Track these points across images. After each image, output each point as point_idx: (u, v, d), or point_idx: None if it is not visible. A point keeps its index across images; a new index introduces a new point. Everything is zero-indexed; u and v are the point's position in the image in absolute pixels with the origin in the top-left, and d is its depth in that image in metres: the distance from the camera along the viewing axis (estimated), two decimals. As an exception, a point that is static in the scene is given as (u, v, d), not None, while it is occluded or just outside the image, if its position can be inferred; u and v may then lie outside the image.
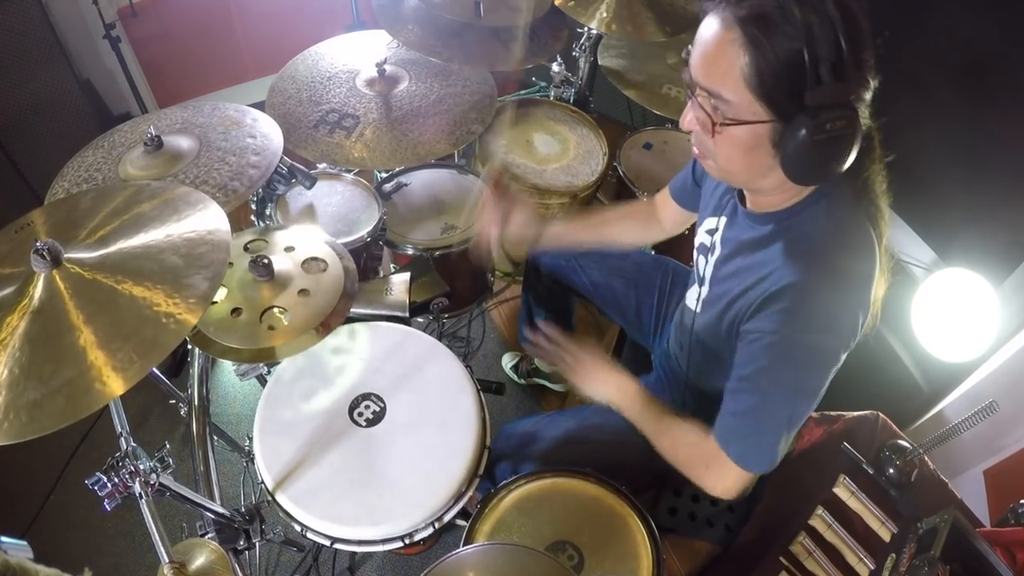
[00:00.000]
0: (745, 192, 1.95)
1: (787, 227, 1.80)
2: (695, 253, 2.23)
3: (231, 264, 2.21)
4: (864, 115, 1.58)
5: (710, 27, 1.60)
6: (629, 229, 2.65)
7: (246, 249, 2.29)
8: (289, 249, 2.28)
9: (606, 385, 2.22)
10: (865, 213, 1.77)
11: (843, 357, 1.79)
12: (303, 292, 2.14)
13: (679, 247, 2.51)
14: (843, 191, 1.75)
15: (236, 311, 2.10)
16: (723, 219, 2.05)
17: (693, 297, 2.19)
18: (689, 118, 1.73)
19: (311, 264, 2.24)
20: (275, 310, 2.11)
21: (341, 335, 2.35)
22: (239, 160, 2.37)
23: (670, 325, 2.59)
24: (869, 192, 1.77)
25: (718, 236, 2.06)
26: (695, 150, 1.82)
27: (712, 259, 2.08)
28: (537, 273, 3.02)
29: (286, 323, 2.08)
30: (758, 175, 1.74)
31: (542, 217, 2.56)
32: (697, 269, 2.20)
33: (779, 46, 1.49)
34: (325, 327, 2.10)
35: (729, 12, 1.56)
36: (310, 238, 2.33)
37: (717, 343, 2.03)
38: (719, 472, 1.89)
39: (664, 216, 2.55)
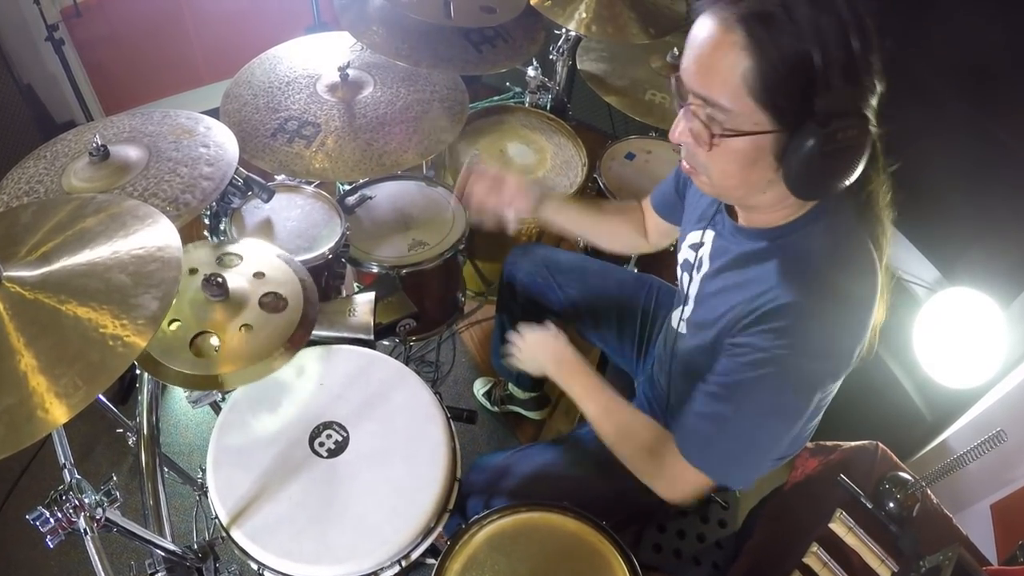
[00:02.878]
0: (736, 207, 1.93)
1: (784, 244, 1.77)
2: (679, 271, 2.22)
3: (195, 271, 2.23)
4: (872, 123, 1.53)
5: (706, 28, 1.55)
6: (621, 229, 2.66)
7: (219, 261, 2.31)
8: (259, 275, 2.28)
9: (540, 348, 2.32)
10: (867, 230, 1.74)
11: (833, 386, 1.80)
12: (246, 327, 2.13)
13: (663, 264, 2.52)
14: (844, 206, 1.72)
15: (173, 322, 2.11)
16: (709, 233, 2.03)
17: (677, 318, 2.20)
18: (680, 129, 1.69)
19: (270, 299, 2.23)
20: (210, 338, 2.11)
21: (301, 359, 2.34)
22: (191, 171, 2.36)
23: (654, 348, 2.60)
24: (872, 207, 1.74)
25: (705, 251, 2.04)
26: (684, 165, 1.78)
27: (698, 276, 2.07)
28: (512, 292, 3.03)
29: (214, 354, 2.08)
30: (756, 191, 1.70)
31: (520, 225, 2.57)
32: (681, 287, 2.19)
33: (785, 47, 1.45)
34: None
35: (728, 11, 1.50)
36: (283, 271, 2.32)
37: (705, 367, 1.98)
38: (673, 474, 1.94)
39: (649, 227, 2.57)
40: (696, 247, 2.09)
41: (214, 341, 2.09)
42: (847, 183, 1.57)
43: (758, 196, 1.73)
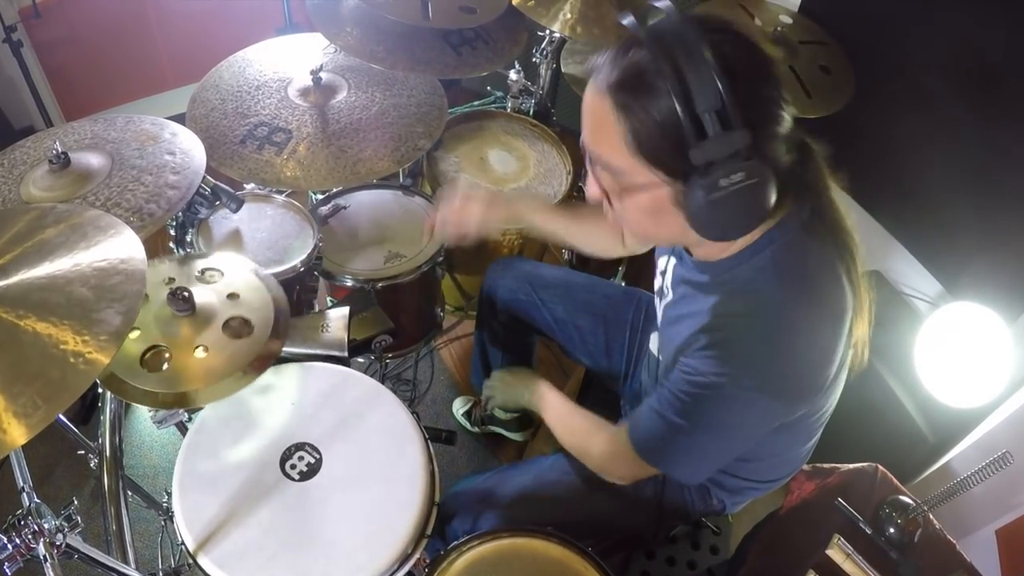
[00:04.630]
0: None
1: (732, 277, 1.83)
2: (655, 298, 2.30)
3: (172, 280, 2.22)
4: (780, 152, 1.62)
5: (588, 95, 1.68)
6: (597, 233, 2.66)
7: (199, 276, 2.30)
8: (233, 296, 2.25)
9: (514, 380, 2.56)
10: (824, 245, 1.78)
11: (791, 412, 1.86)
12: (201, 348, 2.11)
13: (651, 279, 2.53)
14: (791, 228, 1.76)
15: (133, 330, 2.08)
16: (672, 260, 2.11)
17: (655, 344, 2.26)
18: (592, 189, 1.80)
19: (235, 324, 2.20)
20: (163, 353, 2.09)
21: (272, 377, 2.33)
22: (156, 180, 2.36)
23: (642, 367, 2.61)
24: (824, 222, 1.78)
25: (668, 279, 2.12)
26: (608, 219, 1.86)
27: (663, 304, 2.16)
28: (493, 308, 3.03)
29: (163, 370, 2.06)
30: (678, 235, 1.77)
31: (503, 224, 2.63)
32: (657, 313, 2.27)
33: (652, 107, 1.54)
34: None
35: (601, 79, 1.63)
36: (260, 297, 2.29)
37: None
38: (622, 457, 2.07)
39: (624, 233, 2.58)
40: (663, 274, 2.18)
41: (166, 357, 2.08)
42: (759, 219, 1.66)
43: (684, 239, 1.84)
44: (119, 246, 1.78)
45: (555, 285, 2.87)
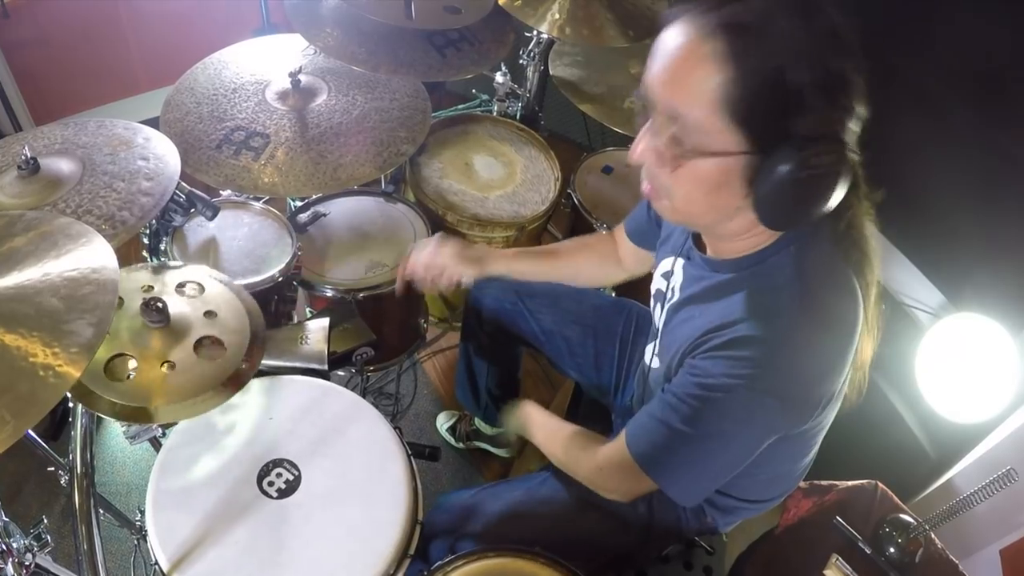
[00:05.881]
0: (703, 236, 1.95)
1: (750, 275, 1.78)
2: (652, 301, 2.26)
3: (150, 288, 2.22)
4: (851, 148, 1.54)
5: (679, 35, 1.55)
6: (585, 264, 2.68)
7: (178, 288, 2.29)
8: (210, 315, 2.23)
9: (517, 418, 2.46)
10: (846, 260, 1.75)
11: (797, 422, 1.84)
12: (168, 364, 2.08)
13: (642, 287, 2.53)
14: (819, 234, 1.72)
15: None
16: (680, 261, 2.05)
17: (651, 352, 2.21)
18: (642, 148, 1.70)
19: (206, 345, 2.17)
20: (128, 362, 2.06)
21: (249, 391, 2.33)
22: (129, 186, 2.35)
23: (633, 380, 2.60)
24: (852, 236, 1.74)
25: (676, 281, 2.07)
26: (645, 187, 1.79)
27: (667, 305, 2.10)
28: (478, 319, 3.02)
29: (127, 380, 2.04)
30: (723, 217, 1.72)
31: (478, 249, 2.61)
32: (654, 319, 2.22)
33: (764, 61, 1.44)
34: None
35: (705, 19, 1.50)
36: (237, 318, 2.27)
37: None
38: (617, 467, 2.02)
39: (624, 254, 2.59)
40: (668, 276, 2.12)
41: (132, 366, 2.06)
42: (821, 212, 1.57)
43: (724, 224, 1.75)
44: (91, 255, 1.77)
45: (542, 295, 2.86)
